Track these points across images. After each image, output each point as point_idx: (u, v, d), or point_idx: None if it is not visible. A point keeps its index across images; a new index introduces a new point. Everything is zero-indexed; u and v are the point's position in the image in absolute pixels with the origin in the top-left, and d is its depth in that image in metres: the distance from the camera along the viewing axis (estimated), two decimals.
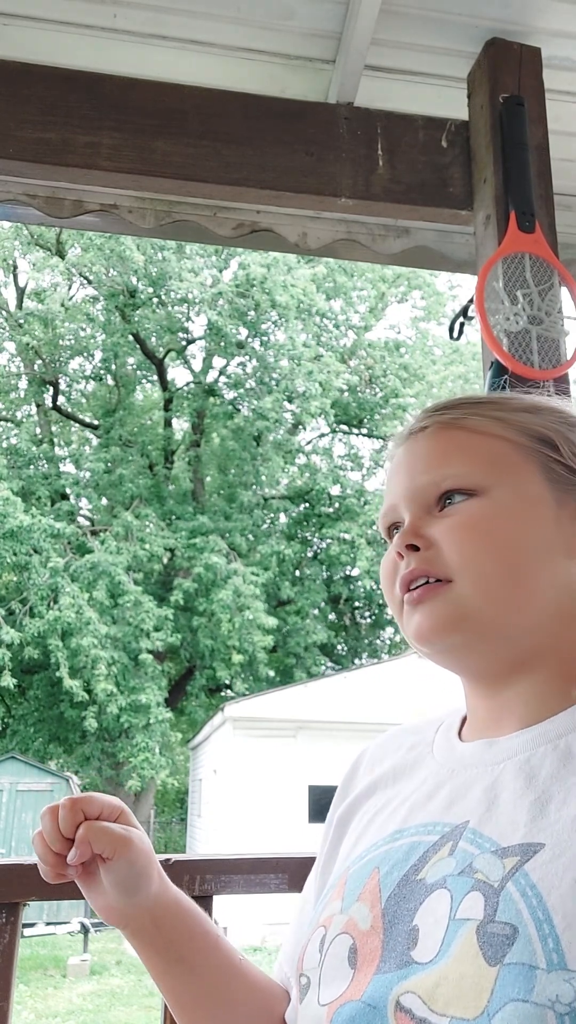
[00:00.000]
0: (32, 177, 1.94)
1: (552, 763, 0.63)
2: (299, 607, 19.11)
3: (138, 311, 19.31)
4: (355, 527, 19.05)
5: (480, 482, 0.70)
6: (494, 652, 0.70)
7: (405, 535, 0.72)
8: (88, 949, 11.09)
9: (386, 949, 0.61)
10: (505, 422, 0.73)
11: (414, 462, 0.75)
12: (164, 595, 17.41)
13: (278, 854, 1.38)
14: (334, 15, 1.88)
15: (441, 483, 0.72)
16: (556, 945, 0.52)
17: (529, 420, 0.73)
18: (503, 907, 0.55)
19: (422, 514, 0.73)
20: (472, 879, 0.59)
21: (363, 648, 21.81)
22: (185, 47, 1.95)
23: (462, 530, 0.70)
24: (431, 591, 0.70)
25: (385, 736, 0.86)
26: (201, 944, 0.79)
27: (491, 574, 0.68)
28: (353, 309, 21.22)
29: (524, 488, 0.70)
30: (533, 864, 0.57)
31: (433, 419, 0.75)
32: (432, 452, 0.74)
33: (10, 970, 1.25)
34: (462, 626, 0.69)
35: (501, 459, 0.71)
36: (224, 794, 13.34)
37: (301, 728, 13.45)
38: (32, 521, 15.74)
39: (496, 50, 1.92)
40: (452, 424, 0.74)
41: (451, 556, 0.69)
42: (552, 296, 1.80)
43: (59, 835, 0.73)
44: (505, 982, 0.52)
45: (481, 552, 0.69)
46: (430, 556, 0.71)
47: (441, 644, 0.70)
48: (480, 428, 0.73)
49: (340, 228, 2.17)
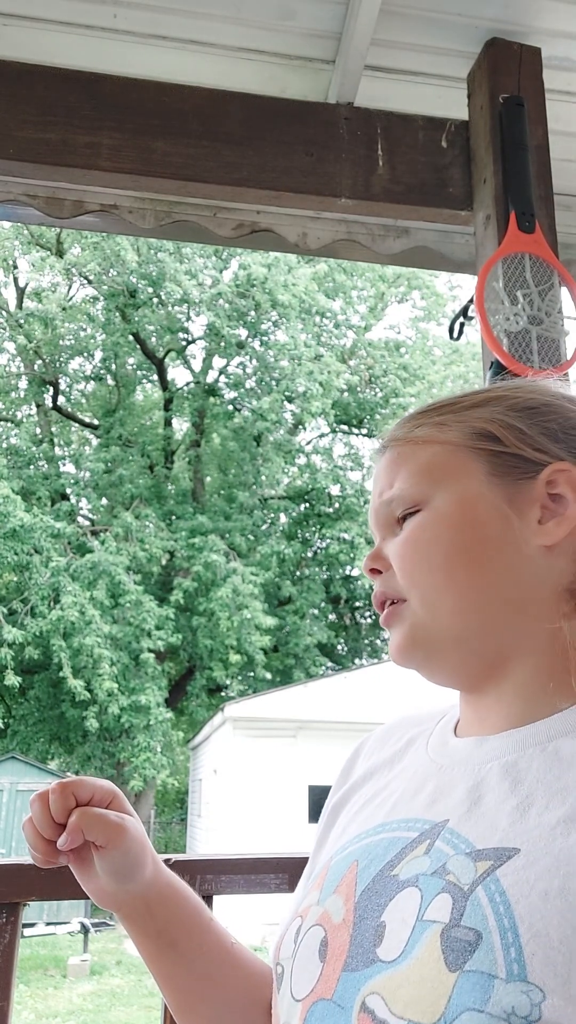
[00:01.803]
0: (32, 177, 1.94)
1: (539, 767, 0.62)
2: (299, 607, 19.11)
3: (138, 311, 19.31)
4: (355, 527, 19.05)
5: (420, 494, 0.70)
6: (458, 661, 0.69)
7: (366, 562, 0.74)
8: (88, 949, 11.09)
9: (353, 944, 0.61)
10: (447, 425, 0.72)
11: (376, 485, 0.76)
12: (164, 595, 17.41)
13: (278, 854, 1.38)
14: (334, 15, 1.88)
15: (391, 504, 0.73)
16: (518, 955, 0.50)
17: (471, 417, 0.72)
18: (470, 912, 0.54)
19: (386, 535, 0.74)
20: (444, 880, 0.58)
21: (363, 648, 21.80)
22: (185, 47, 1.95)
23: (404, 547, 0.70)
24: (392, 613, 0.71)
25: (389, 724, 0.85)
26: (195, 928, 0.79)
27: (432, 585, 0.68)
28: (353, 309, 21.22)
29: (462, 490, 0.69)
30: (505, 870, 0.55)
31: (390, 437, 0.76)
32: (384, 473, 0.74)
33: (10, 970, 1.25)
34: (419, 643, 0.70)
35: (438, 466, 0.71)
36: (224, 794, 13.34)
37: (301, 728, 13.45)
38: (33, 520, 15.74)
39: (496, 50, 1.92)
40: (402, 439, 0.74)
41: (400, 575, 0.71)
42: (552, 296, 1.80)
43: (50, 821, 0.72)
44: (463, 990, 0.50)
45: (420, 566, 0.69)
46: (387, 578, 0.72)
47: (409, 663, 0.71)
48: (424, 438, 0.73)
49: (340, 228, 2.17)
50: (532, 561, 0.67)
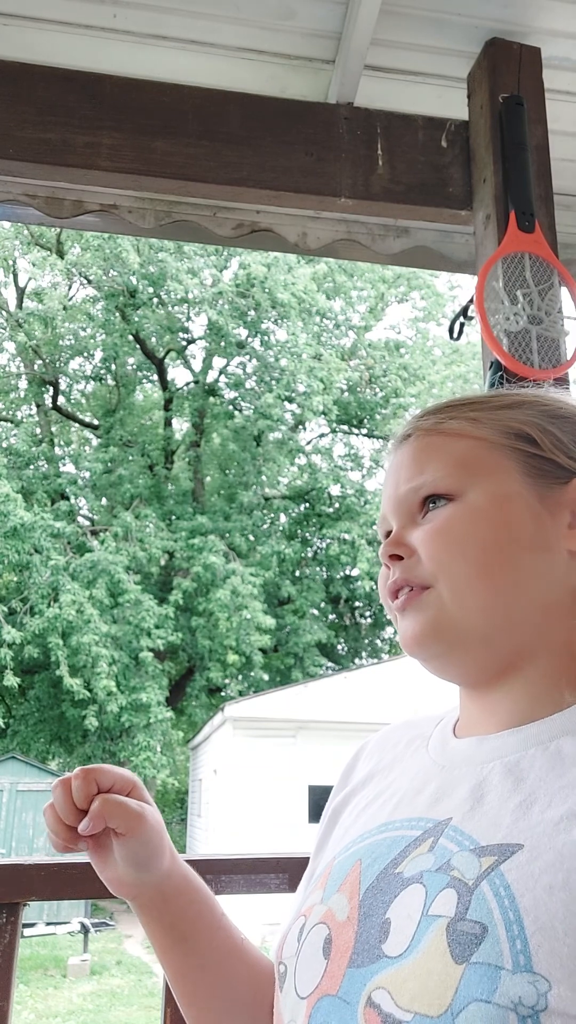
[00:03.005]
0: (32, 177, 1.94)
1: (541, 766, 0.63)
2: (299, 607, 19.10)
3: (138, 311, 19.31)
4: (355, 527, 19.05)
5: (454, 485, 0.71)
6: (477, 657, 0.70)
7: (386, 546, 0.73)
8: (88, 949, 11.09)
9: (359, 941, 0.61)
10: (481, 422, 0.73)
11: (398, 471, 0.76)
12: (163, 595, 17.41)
13: (278, 854, 1.39)
14: (334, 15, 1.88)
15: (419, 490, 0.73)
16: (524, 947, 0.51)
17: (507, 417, 0.73)
18: (475, 906, 0.55)
19: (406, 522, 0.74)
20: (448, 876, 0.59)
21: (363, 648, 21.80)
22: (185, 47, 1.95)
23: (436, 535, 0.70)
24: (412, 598, 0.70)
25: (387, 729, 0.86)
26: (208, 922, 0.80)
27: (465, 577, 0.68)
28: (353, 309, 21.22)
29: (499, 487, 0.70)
30: (509, 865, 0.56)
31: (415, 426, 0.76)
32: (412, 460, 0.74)
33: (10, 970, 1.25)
34: (442, 632, 0.69)
35: (475, 460, 0.71)
36: (224, 794, 13.34)
37: (301, 728, 13.45)
38: (33, 520, 15.74)
39: (496, 50, 1.92)
40: (432, 430, 0.74)
41: (428, 562, 0.70)
42: (552, 296, 1.80)
43: (72, 807, 0.73)
44: (470, 981, 0.51)
45: (454, 556, 0.69)
46: (411, 564, 0.71)
47: (426, 652, 0.71)
48: (456, 431, 0.73)
49: (340, 228, 2.17)
50: (558, 564, 0.69)
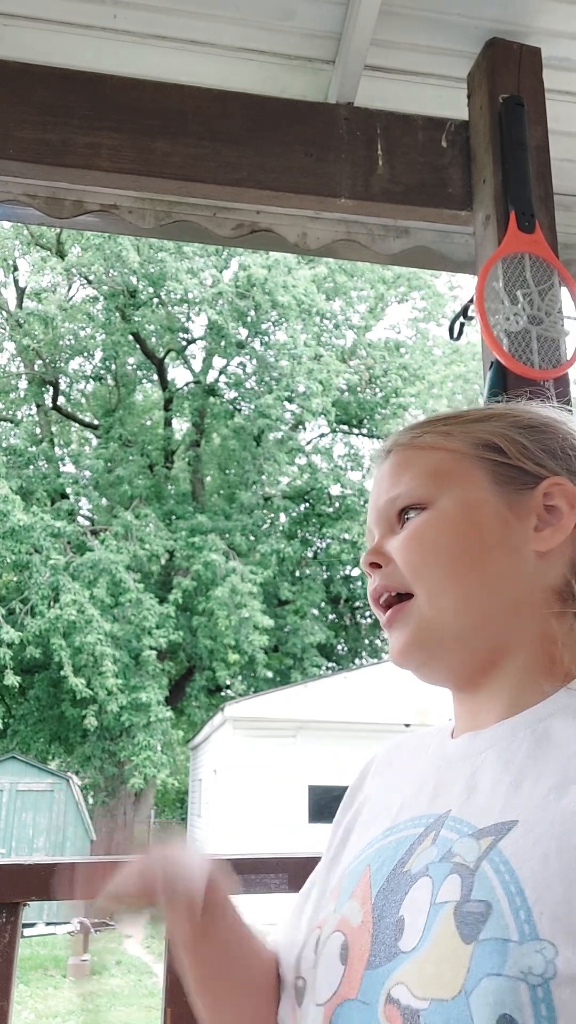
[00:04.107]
0: (32, 177, 1.94)
1: (528, 747, 0.65)
2: (298, 607, 19.10)
3: (138, 311, 19.30)
4: (355, 527, 19.06)
5: (426, 495, 0.75)
6: (457, 657, 0.73)
7: (366, 556, 0.78)
8: (88, 949, 11.08)
9: (375, 943, 0.62)
10: (453, 435, 0.77)
11: (379, 484, 0.80)
12: (163, 595, 17.41)
13: (278, 854, 1.39)
14: (334, 15, 1.88)
15: (396, 501, 0.77)
16: (528, 916, 0.53)
17: (476, 429, 0.77)
18: (478, 886, 0.56)
19: (386, 532, 0.78)
20: (451, 863, 0.60)
21: (363, 648, 21.79)
22: (185, 47, 1.95)
23: (408, 542, 0.74)
24: (398, 611, 0.74)
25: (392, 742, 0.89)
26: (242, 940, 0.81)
27: (437, 581, 0.72)
28: (353, 309, 21.21)
29: (468, 494, 0.74)
30: (506, 841, 0.58)
31: (395, 441, 0.81)
32: (390, 473, 0.79)
33: (10, 970, 1.25)
34: (423, 639, 0.73)
35: (445, 470, 0.76)
36: (224, 794, 13.34)
37: (301, 728, 13.44)
38: (33, 520, 15.73)
39: (496, 50, 1.92)
40: (408, 444, 0.79)
41: (404, 568, 0.74)
42: (552, 296, 1.80)
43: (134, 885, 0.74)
44: (480, 958, 0.52)
45: (427, 561, 0.73)
46: (389, 571, 0.75)
47: (412, 662, 0.74)
48: (429, 444, 0.78)
49: (340, 228, 2.17)
50: (527, 564, 0.72)
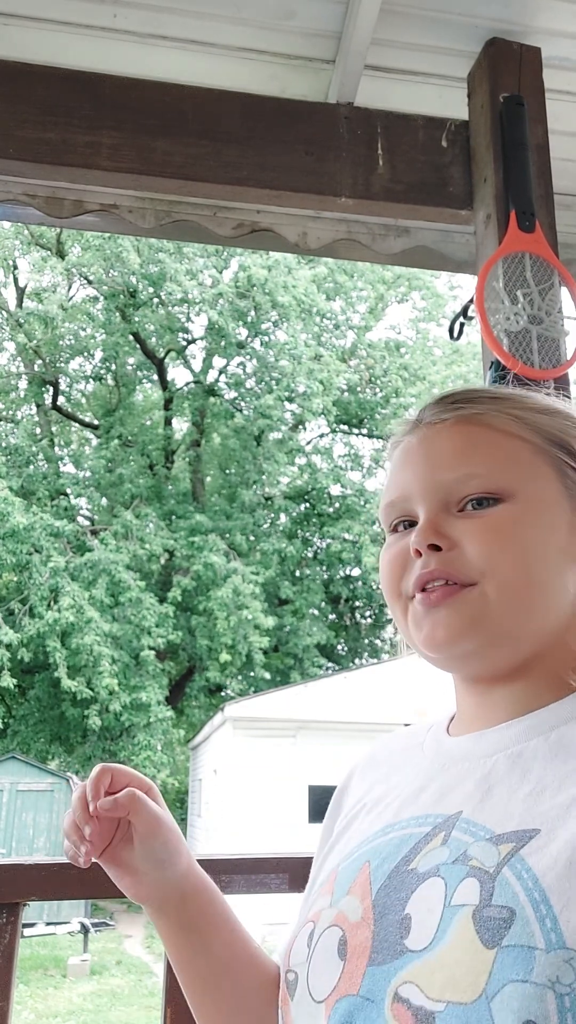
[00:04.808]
0: (32, 177, 1.94)
1: (544, 755, 0.64)
2: (299, 607, 19.10)
3: (138, 311, 19.30)
4: (356, 526, 19.04)
5: (505, 485, 0.69)
6: (504, 656, 0.69)
7: (426, 533, 0.69)
8: (88, 949, 11.09)
9: (377, 939, 0.61)
10: (524, 422, 0.71)
11: (434, 455, 0.72)
12: (163, 594, 17.41)
13: (278, 854, 1.39)
14: (334, 15, 1.88)
15: (467, 482, 0.69)
16: (554, 925, 0.52)
17: (546, 422, 0.72)
18: (499, 891, 0.55)
19: (441, 511, 0.70)
20: (467, 866, 0.59)
21: (363, 648, 21.79)
22: (185, 47, 1.95)
23: (491, 534, 0.67)
24: (450, 594, 0.68)
25: (378, 742, 0.87)
26: (224, 924, 0.81)
27: (514, 580, 0.67)
28: (353, 309, 21.20)
29: (544, 492, 0.69)
30: (528, 849, 0.57)
31: (453, 412, 0.73)
32: (454, 448, 0.71)
33: (10, 970, 1.25)
34: (478, 632, 0.67)
35: (523, 461, 0.70)
36: (224, 794, 13.34)
37: (301, 728, 13.44)
38: (33, 520, 15.73)
39: (496, 50, 1.92)
40: (473, 420, 0.72)
41: (476, 559, 0.67)
42: (552, 296, 1.80)
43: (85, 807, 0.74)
44: (504, 964, 0.52)
45: (509, 558, 0.67)
46: (451, 558, 0.68)
47: (456, 650, 0.68)
48: (502, 427, 0.71)
49: (340, 228, 2.17)
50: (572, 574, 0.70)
